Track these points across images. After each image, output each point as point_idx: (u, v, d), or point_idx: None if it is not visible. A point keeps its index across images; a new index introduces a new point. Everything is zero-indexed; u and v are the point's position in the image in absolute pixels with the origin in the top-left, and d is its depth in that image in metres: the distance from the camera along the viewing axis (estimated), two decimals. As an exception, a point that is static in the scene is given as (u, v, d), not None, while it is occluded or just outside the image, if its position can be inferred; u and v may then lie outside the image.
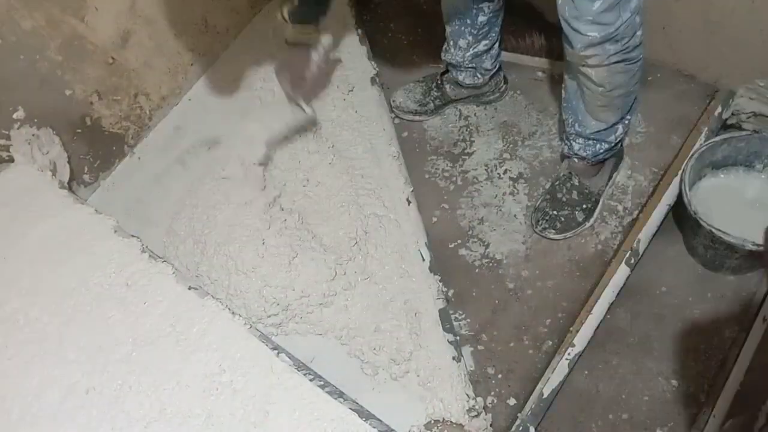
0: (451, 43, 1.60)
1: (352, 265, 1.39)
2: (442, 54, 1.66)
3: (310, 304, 1.33)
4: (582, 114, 1.40)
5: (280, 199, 1.51)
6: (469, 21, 1.50)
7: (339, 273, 1.36)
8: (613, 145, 1.46)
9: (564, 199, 1.53)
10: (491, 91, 1.74)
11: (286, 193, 1.53)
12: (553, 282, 1.47)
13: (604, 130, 1.41)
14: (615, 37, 1.17)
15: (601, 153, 1.47)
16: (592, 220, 1.53)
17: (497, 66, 1.67)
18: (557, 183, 1.56)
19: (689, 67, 1.68)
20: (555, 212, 1.52)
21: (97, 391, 1.08)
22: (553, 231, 1.51)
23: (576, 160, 1.51)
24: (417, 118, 1.77)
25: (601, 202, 1.54)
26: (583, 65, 1.25)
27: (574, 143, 1.47)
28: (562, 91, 1.42)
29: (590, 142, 1.45)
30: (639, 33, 1.21)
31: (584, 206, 1.52)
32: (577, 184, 1.53)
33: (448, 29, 1.58)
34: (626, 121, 1.43)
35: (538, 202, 1.56)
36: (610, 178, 1.55)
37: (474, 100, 1.76)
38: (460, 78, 1.67)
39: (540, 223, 1.53)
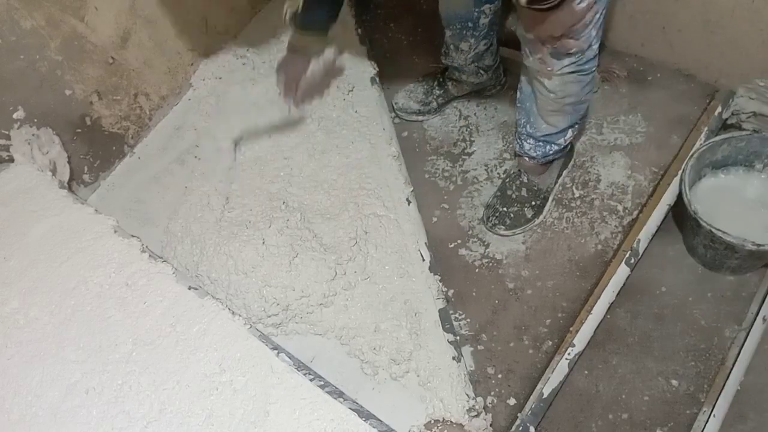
0: (452, 47, 1.60)
1: (352, 265, 1.39)
2: (442, 58, 1.67)
3: (310, 304, 1.33)
4: (534, 116, 1.41)
5: (282, 197, 1.51)
6: (470, 24, 1.50)
7: (339, 273, 1.36)
8: (562, 147, 1.47)
9: (513, 196, 1.56)
10: (493, 85, 1.75)
11: (288, 192, 1.53)
12: (553, 282, 1.47)
13: (555, 133, 1.43)
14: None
15: (551, 154, 1.48)
16: (541, 217, 1.55)
17: (497, 60, 1.68)
18: (507, 180, 1.59)
19: (689, 67, 1.68)
20: (505, 209, 1.55)
21: (97, 391, 1.08)
22: (503, 227, 1.53)
23: (526, 159, 1.52)
24: (420, 118, 1.77)
25: (550, 200, 1.56)
26: (539, 72, 1.26)
27: (525, 143, 1.49)
28: (517, 92, 1.43)
29: (540, 143, 1.46)
30: (595, 46, 1.21)
31: (533, 203, 1.54)
32: (526, 181, 1.55)
33: (448, 33, 1.58)
34: (576, 126, 1.45)
35: (489, 199, 1.58)
36: (558, 176, 1.58)
37: (476, 95, 1.77)
38: (463, 77, 1.67)
39: (490, 219, 1.55)
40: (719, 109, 1.60)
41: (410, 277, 1.39)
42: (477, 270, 1.51)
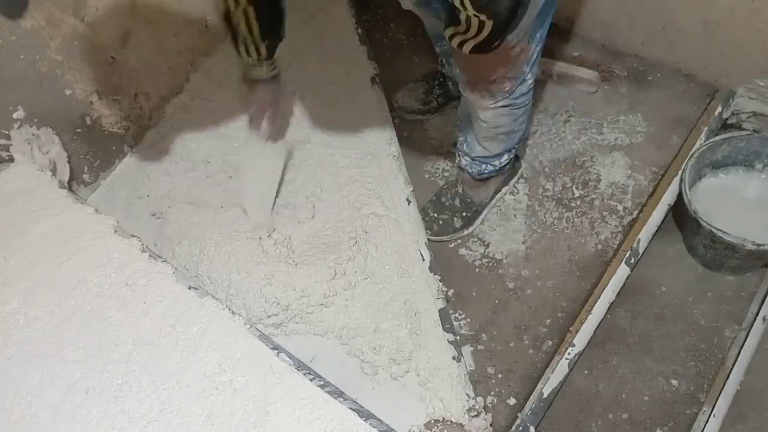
0: (444, 60, 1.61)
1: (352, 265, 1.38)
2: (439, 67, 1.67)
3: (311, 304, 1.33)
4: (470, 138, 1.43)
5: (282, 197, 1.51)
6: None
7: (339, 273, 1.36)
8: (498, 168, 1.48)
9: (447, 204, 1.57)
10: None
11: (287, 191, 1.53)
12: (553, 282, 1.47)
13: (490, 156, 1.44)
14: None
15: (486, 173, 1.49)
16: (471, 229, 1.56)
17: None
18: (444, 187, 1.60)
19: (689, 67, 1.69)
20: (435, 215, 1.57)
21: (97, 391, 1.08)
22: (430, 232, 1.54)
23: (464, 172, 1.53)
24: (420, 117, 1.77)
25: (483, 213, 1.57)
26: (473, 104, 1.29)
27: (462, 159, 1.50)
28: (458, 109, 1.45)
29: (476, 162, 1.47)
30: (529, 80, 1.23)
31: (464, 214, 1.56)
32: (460, 192, 1.57)
33: (437, 49, 1.59)
34: (514, 150, 1.46)
35: (425, 202, 1.59)
36: (496, 191, 1.58)
37: None
38: None
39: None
40: (719, 109, 1.60)
41: (410, 277, 1.39)
42: (477, 270, 1.51)
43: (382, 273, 1.39)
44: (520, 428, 1.24)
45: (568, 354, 1.30)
